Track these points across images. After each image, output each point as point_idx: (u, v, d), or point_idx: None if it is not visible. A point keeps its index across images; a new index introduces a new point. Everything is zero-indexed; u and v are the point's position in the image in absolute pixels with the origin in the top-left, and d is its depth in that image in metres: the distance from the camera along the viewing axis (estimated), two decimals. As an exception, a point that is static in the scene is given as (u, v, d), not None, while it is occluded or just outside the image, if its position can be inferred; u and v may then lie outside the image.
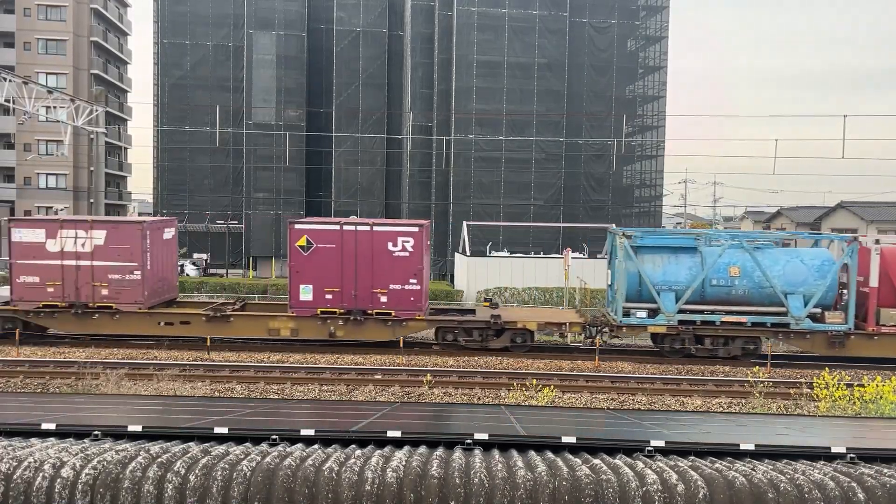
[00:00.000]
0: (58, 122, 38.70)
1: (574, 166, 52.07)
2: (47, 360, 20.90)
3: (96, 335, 23.24)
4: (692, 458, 5.14)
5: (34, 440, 5.31)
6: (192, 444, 5.27)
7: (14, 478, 4.61)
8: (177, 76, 54.07)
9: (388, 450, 5.09)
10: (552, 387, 17.21)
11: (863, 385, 15.20)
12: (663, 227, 64.52)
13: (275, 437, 5.31)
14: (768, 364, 21.54)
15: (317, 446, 5.19)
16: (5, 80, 25.10)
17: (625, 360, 22.60)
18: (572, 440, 5.36)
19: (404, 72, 53.85)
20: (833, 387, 15.11)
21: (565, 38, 51.24)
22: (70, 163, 56.98)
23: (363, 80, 53.06)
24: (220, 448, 5.05)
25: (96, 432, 5.44)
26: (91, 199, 41.97)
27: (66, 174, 59.09)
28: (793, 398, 17.60)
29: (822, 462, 5.10)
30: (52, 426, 5.55)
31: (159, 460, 4.76)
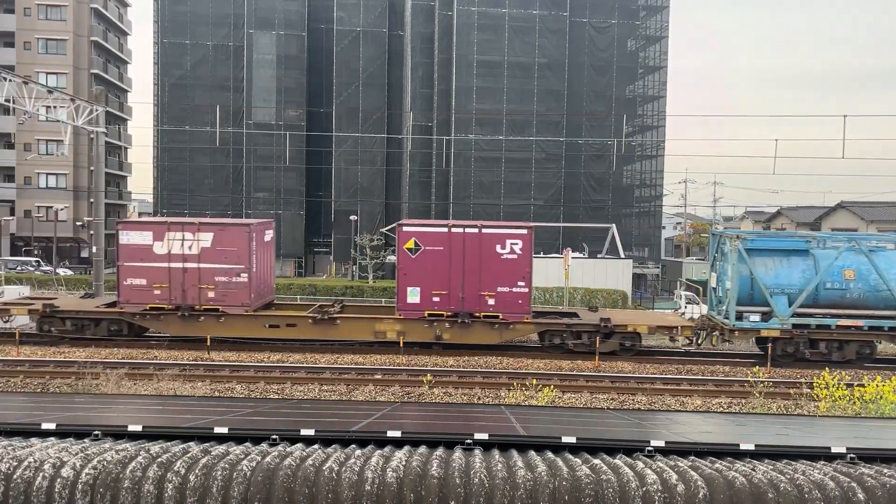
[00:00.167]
0: (58, 121, 38.69)
1: (574, 166, 52.09)
2: (47, 359, 20.90)
3: (200, 337, 23.04)
4: (692, 458, 5.14)
5: (34, 440, 5.31)
6: (192, 443, 5.27)
7: (14, 477, 4.61)
8: (177, 76, 54.09)
9: (388, 450, 5.09)
10: (552, 387, 17.21)
11: (863, 385, 15.20)
12: (663, 227, 64.52)
13: (275, 436, 5.31)
14: (768, 364, 21.54)
15: (317, 446, 5.19)
16: (5, 79, 25.09)
17: (625, 360, 22.60)
18: (572, 440, 5.36)
19: (404, 72, 53.86)
20: (833, 387, 15.11)
21: (565, 37, 51.25)
22: (70, 162, 57.00)
23: (363, 79, 53.07)
24: (221, 448, 5.05)
25: (96, 432, 5.44)
26: (91, 199, 41.98)
27: (66, 174, 59.10)
28: (793, 398, 17.59)
29: (822, 462, 5.10)
30: (52, 426, 5.55)
31: (159, 460, 4.76)
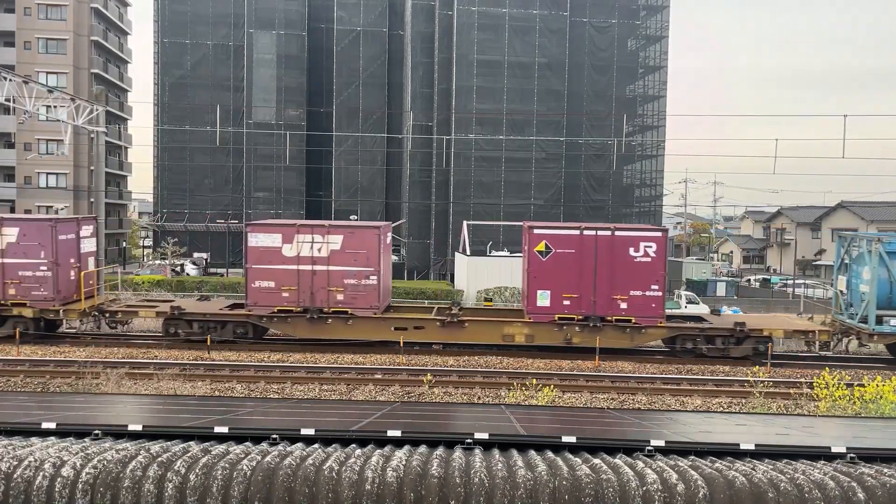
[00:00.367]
0: (58, 121, 38.69)
1: (574, 166, 52.08)
2: (48, 359, 20.90)
3: (328, 341, 23.07)
4: (692, 457, 5.14)
5: (34, 439, 5.31)
6: (192, 443, 5.27)
7: (14, 477, 4.61)
8: (177, 75, 54.08)
9: (388, 449, 5.09)
10: (552, 386, 17.21)
11: (863, 385, 15.20)
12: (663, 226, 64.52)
13: (275, 436, 5.31)
14: (768, 364, 21.54)
15: (317, 446, 5.19)
16: (5, 79, 25.09)
17: (625, 359, 22.60)
18: (572, 440, 5.36)
19: (404, 71, 53.84)
20: (833, 387, 15.11)
21: (566, 37, 51.24)
22: (70, 162, 56.98)
23: (363, 79, 53.06)
24: (221, 447, 5.05)
25: (97, 431, 5.45)
26: (91, 199, 41.99)
27: (66, 173, 59.09)
28: (793, 398, 17.60)
29: (822, 462, 5.10)
30: (52, 425, 5.55)
31: (159, 459, 4.76)
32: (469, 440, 5.26)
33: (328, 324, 22.67)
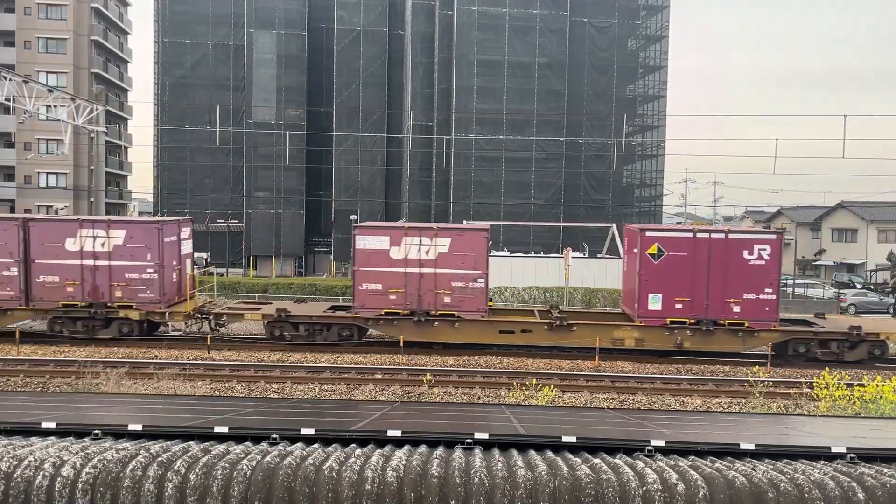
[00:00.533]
0: (58, 120, 38.69)
1: (574, 166, 52.06)
2: (48, 359, 20.91)
3: (433, 343, 23.03)
4: (692, 457, 5.14)
5: (34, 439, 5.31)
6: (192, 443, 5.27)
7: (14, 476, 4.61)
8: (177, 75, 54.06)
9: (388, 449, 5.09)
10: (552, 386, 17.22)
11: (863, 385, 15.20)
12: (669, 224, 64.45)
13: (275, 436, 5.31)
14: (768, 364, 21.54)
15: (317, 445, 5.19)
16: (6, 78, 25.10)
17: (625, 359, 22.60)
18: (572, 440, 5.36)
19: (405, 71, 53.84)
20: (833, 387, 15.12)
21: (566, 37, 51.22)
22: (70, 162, 56.99)
23: (363, 79, 53.04)
24: (221, 447, 5.05)
25: (96, 431, 5.44)
26: (91, 199, 41.97)
27: (66, 173, 59.10)
28: (793, 398, 17.60)
29: (822, 462, 5.10)
30: (52, 425, 5.55)
31: (159, 459, 4.76)
32: (469, 440, 5.26)
33: (434, 327, 22.69)
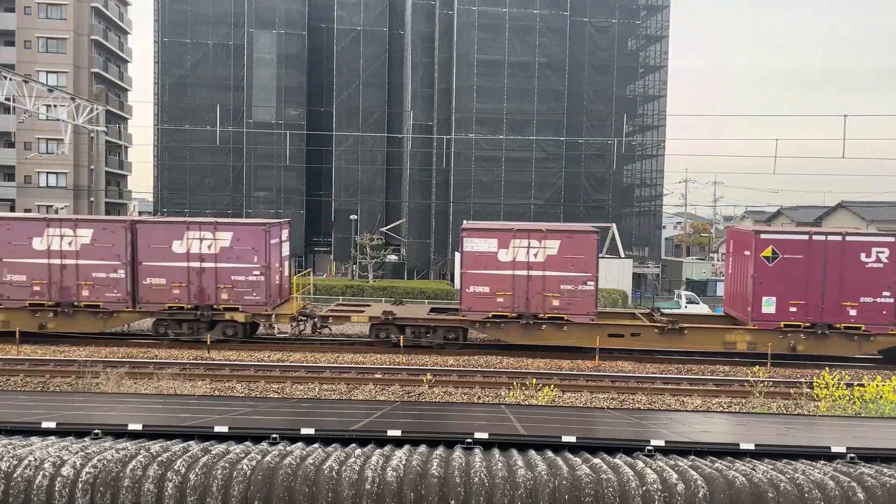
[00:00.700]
0: (58, 120, 38.69)
1: (574, 166, 52.04)
2: (48, 358, 20.91)
3: (540, 346, 22.87)
4: (692, 457, 5.14)
5: (34, 439, 5.31)
6: (192, 442, 5.27)
7: (14, 476, 4.61)
8: (177, 75, 54.04)
9: (388, 449, 5.09)
10: (552, 386, 17.22)
11: (863, 385, 15.20)
12: (663, 226, 64.53)
13: (275, 436, 5.31)
14: (768, 364, 21.54)
15: (317, 445, 5.19)
16: (6, 78, 25.10)
17: (625, 359, 22.60)
18: (572, 439, 5.36)
19: (405, 71, 53.82)
20: (833, 387, 15.12)
21: (566, 37, 51.21)
22: (70, 161, 56.97)
23: (364, 78, 53.02)
24: (221, 447, 5.05)
25: (96, 431, 5.44)
26: (91, 198, 41.98)
27: (66, 173, 59.09)
28: (793, 398, 17.60)
29: (822, 462, 5.10)
30: (52, 425, 5.55)
31: (159, 459, 4.76)
32: (469, 440, 5.26)
33: (542, 330, 22.55)
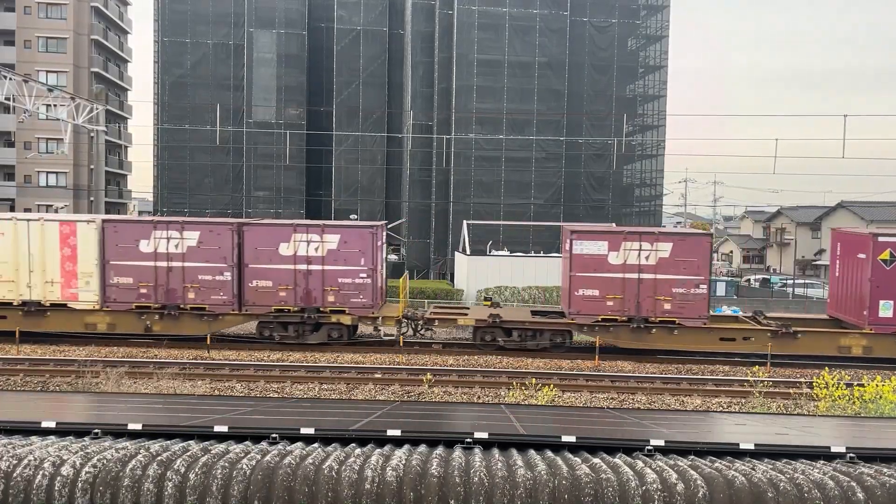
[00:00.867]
0: (58, 120, 38.69)
1: (574, 165, 52.04)
2: (47, 358, 20.91)
3: (649, 350, 22.75)
4: (692, 457, 5.14)
5: (34, 438, 5.30)
6: (191, 442, 5.27)
7: (14, 476, 4.61)
8: (177, 74, 54.02)
9: (387, 448, 5.09)
10: (552, 386, 17.22)
11: (863, 385, 15.20)
12: (664, 226, 64.48)
13: (275, 435, 5.31)
14: (768, 364, 21.54)
15: (316, 445, 5.19)
16: (6, 78, 25.10)
17: (625, 359, 22.60)
18: (572, 439, 5.36)
19: (405, 70, 53.82)
20: (833, 387, 15.11)
21: (566, 37, 51.20)
22: (70, 161, 56.96)
23: (363, 78, 53.01)
24: (220, 446, 5.05)
25: (96, 430, 5.44)
26: (91, 198, 41.98)
27: (66, 172, 59.08)
28: (793, 398, 17.60)
29: (822, 462, 5.10)
30: (52, 424, 5.54)
31: (159, 458, 4.76)
32: (469, 439, 5.25)
33: (652, 333, 22.39)
